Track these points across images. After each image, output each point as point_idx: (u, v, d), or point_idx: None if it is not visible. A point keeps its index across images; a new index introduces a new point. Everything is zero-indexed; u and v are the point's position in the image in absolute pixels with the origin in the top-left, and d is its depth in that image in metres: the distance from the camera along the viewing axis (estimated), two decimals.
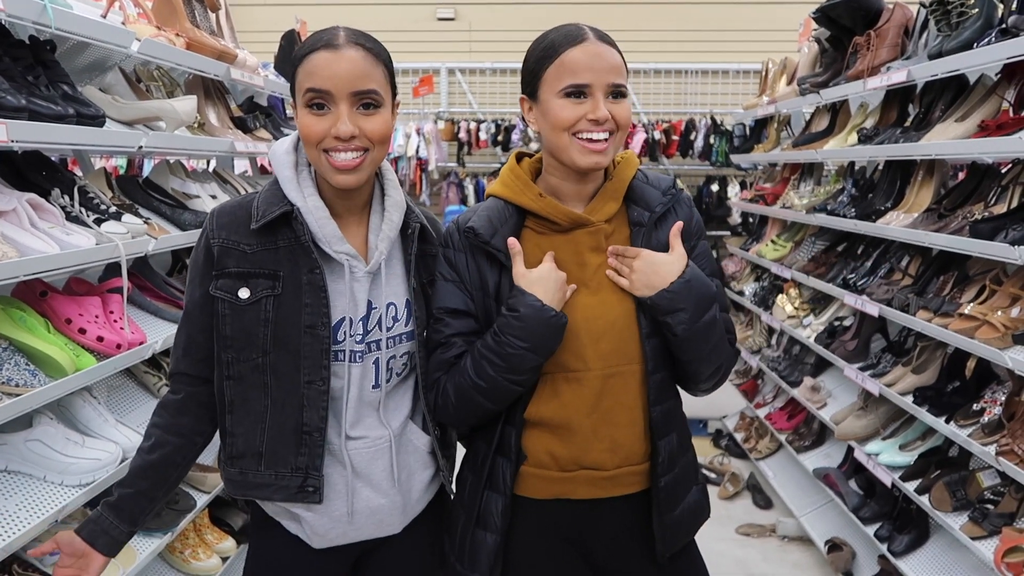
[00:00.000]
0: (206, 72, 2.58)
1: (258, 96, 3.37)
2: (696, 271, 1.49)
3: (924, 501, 2.57)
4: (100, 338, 1.96)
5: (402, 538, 1.60)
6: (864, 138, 3.09)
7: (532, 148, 5.24)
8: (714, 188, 6.44)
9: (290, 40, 3.47)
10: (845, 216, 3.20)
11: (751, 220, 5.41)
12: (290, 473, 1.48)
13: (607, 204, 1.53)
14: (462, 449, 1.66)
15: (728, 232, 6.26)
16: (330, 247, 1.46)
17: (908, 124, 3.02)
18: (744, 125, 5.72)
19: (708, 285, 1.51)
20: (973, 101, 2.63)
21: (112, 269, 2.23)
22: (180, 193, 2.59)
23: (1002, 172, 2.55)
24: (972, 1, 2.39)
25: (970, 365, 2.66)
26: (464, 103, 6.88)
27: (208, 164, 3.43)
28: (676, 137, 6.42)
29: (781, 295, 3.96)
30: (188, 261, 2.07)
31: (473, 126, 6.53)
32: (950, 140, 2.55)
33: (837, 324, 3.47)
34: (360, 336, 1.49)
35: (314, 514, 1.51)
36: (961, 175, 3.36)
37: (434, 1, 6.91)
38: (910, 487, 2.67)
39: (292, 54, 1.48)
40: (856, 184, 3.44)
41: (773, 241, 4.21)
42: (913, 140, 2.73)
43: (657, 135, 6.39)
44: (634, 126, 6.20)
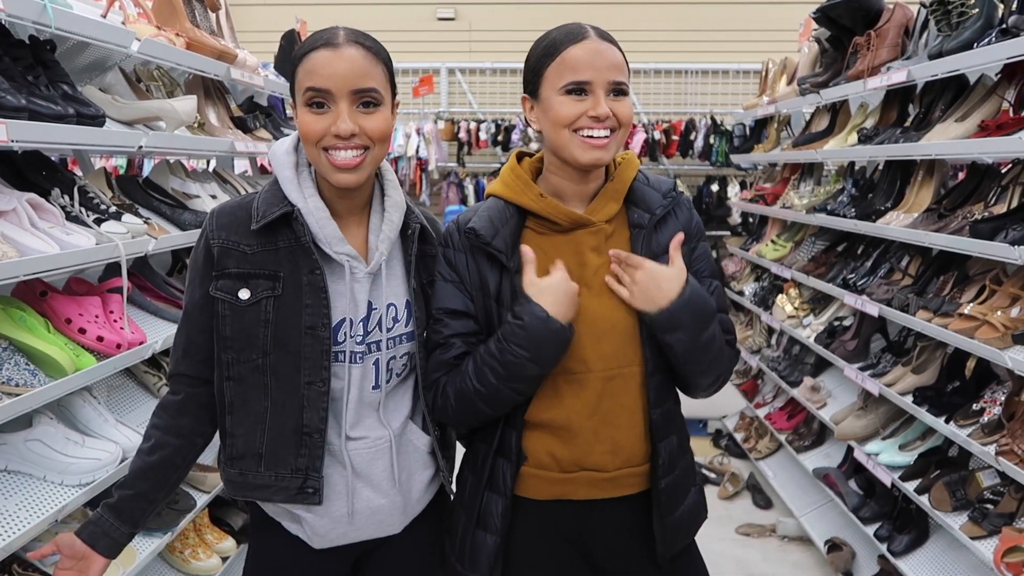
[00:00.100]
0: (206, 72, 2.58)
1: (258, 96, 3.37)
2: (696, 288, 1.47)
3: (924, 501, 2.57)
4: (100, 338, 1.96)
5: (402, 538, 1.60)
6: (864, 138, 3.09)
7: (532, 148, 5.24)
8: (714, 188, 6.43)
9: (290, 40, 3.46)
10: (845, 216, 3.20)
11: (751, 220, 5.41)
12: (290, 474, 1.48)
13: (608, 204, 1.52)
14: (461, 448, 1.66)
15: (728, 232, 6.25)
16: (331, 248, 1.46)
17: (908, 124, 3.02)
18: (744, 125, 5.71)
19: (707, 301, 1.49)
20: (973, 101, 2.62)
21: (112, 269, 2.23)
22: (180, 193, 2.59)
23: (1002, 172, 2.55)
24: (972, 1, 2.39)
25: (970, 365, 2.66)
26: (464, 103, 6.87)
27: (208, 164, 3.43)
28: (676, 137, 6.41)
29: (781, 295, 3.96)
30: (188, 261, 2.07)
31: (473, 126, 6.53)
32: (950, 140, 2.55)
33: (837, 324, 3.47)
34: (360, 337, 1.48)
35: (314, 515, 1.51)
36: (961, 175, 3.36)
37: (434, 1, 6.90)
38: (910, 487, 2.67)
39: (292, 54, 1.47)
40: (856, 184, 3.44)
41: (773, 241, 4.21)
42: (913, 140, 2.73)
43: (657, 135, 6.38)
44: (634, 126, 6.19)
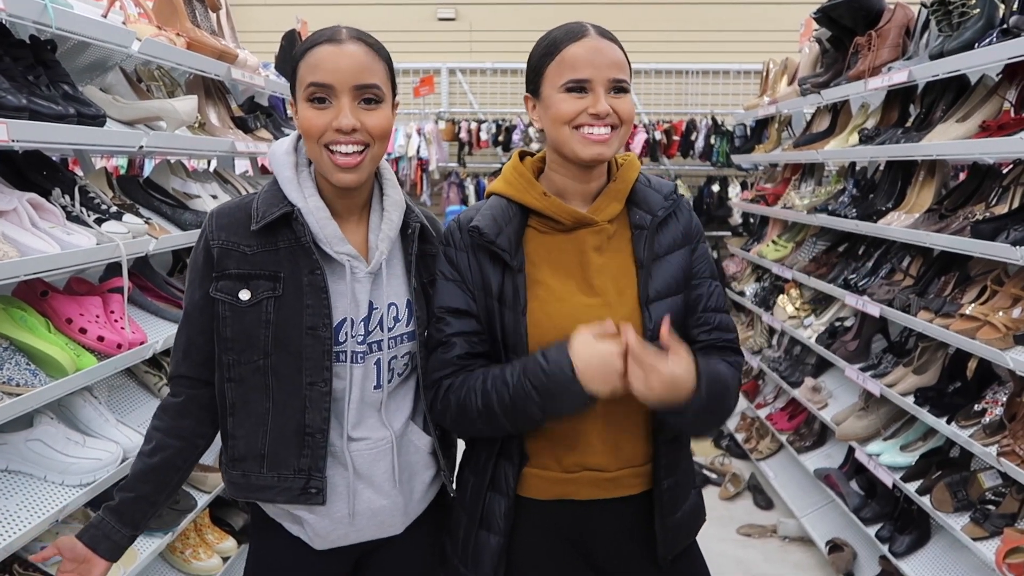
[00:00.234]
0: (207, 72, 2.58)
1: (259, 96, 3.37)
2: (710, 374, 1.38)
3: (925, 502, 2.57)
4: (101, 338, 1.96)
5: (403, 538, 1.60)
6: (865, 138, 3.09)
7: (533, 148, 5.24)
8: (715, 188, 6.44)
9: (290, 40, 3.46)
10: (846, 216, 3.20)
11: (752, 220, 5.41)
12: (293, 475, 1.48)
13: (611, 204, 1.52)
14: (462, 447, 1.66)
15: (729, 232, 6.26)
16: (331, 248, 1.46)
17: (909, 124, 3.02)
18: (745, 125, 5.71)
19: (722, 383, 1.42)
20: (974, 101, 2.62)
21: (113, 269, 2.23)
22: (181, 193, 2.59)
23: (1003, 172, 2.55)
24: (973, 1, 2.39)
25: (971, 366, 2.65)
26: (465, 103, 6.88)
27: (209, 164, 3.43)
28: (677, 137, 6.42)
29: (782, 295, 3.96)
30: (188, 262, 2.07)
31: (474, 126, 6.53)
32: (951, 140, 2.55)
33: (838, 324, 3.47)
34: (361, 337, 1.48)
35: (316, 515, 1.51)
36: (962, 175, 3.36)
37: (435, 1, 6.91)
38: (911, 488, 2.67)
39: (292, 53, 1.47)
40: (857, 184, 3.44)
41: (774, 241, 4.21)
42: (914, 140, 2.73)
43: (658, 135, 6.39)
44: (635, 127, 6.19)
